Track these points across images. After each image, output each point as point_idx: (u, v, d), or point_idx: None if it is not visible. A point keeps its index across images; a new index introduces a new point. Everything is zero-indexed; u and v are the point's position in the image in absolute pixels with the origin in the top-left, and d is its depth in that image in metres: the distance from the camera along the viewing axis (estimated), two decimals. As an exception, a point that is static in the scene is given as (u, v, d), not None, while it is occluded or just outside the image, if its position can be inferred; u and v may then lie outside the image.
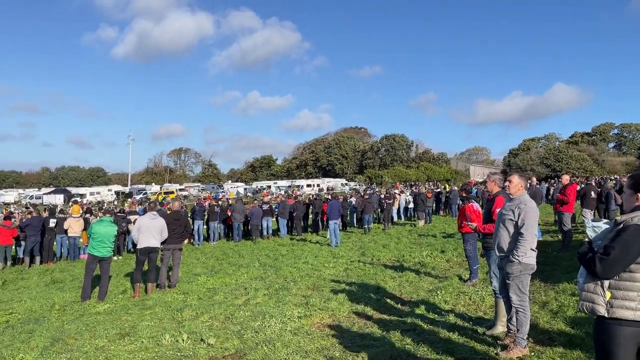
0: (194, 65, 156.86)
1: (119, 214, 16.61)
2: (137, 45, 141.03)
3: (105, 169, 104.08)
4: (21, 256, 15.40)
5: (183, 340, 6.11)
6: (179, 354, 5.71)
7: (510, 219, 4.86)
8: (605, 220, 3.20)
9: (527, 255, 4.74)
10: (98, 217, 13.24)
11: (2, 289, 11.55)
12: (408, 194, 25.98)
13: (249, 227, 19.41)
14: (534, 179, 18.49)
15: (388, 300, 7.65)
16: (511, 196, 5.03)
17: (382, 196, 22.24)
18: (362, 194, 23.58)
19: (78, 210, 16.10)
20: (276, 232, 19.89)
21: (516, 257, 4.75)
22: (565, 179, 11.65)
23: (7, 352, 6.20)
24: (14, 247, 15.76)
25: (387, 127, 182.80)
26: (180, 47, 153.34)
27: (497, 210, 5.44)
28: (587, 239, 3.12)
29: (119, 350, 6.00)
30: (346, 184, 69.96)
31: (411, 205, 23.39)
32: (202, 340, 6.12)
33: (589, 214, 12.65)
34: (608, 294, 2.87)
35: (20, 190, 74.89)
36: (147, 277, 9.77)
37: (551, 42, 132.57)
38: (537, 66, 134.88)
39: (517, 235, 4.80)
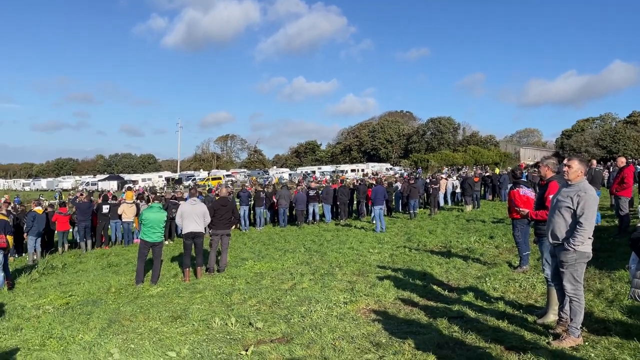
0: (240, 52, 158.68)
1: (171, 200, 17.09)
2: (186, 34, 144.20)
3: (156, 155, 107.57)
4: (78, 240, 16.16)
5: (232, 324, 6.27)
6: (228, 337, 5.87)
7: (568, 207, 4.66)
8: None
9: (584, 244, 4.56)
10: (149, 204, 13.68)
11: (63, 272, 12.17)
12: (455, 178, 25.48)
13: (294, 213, 19.59)
14: (594, 162, 17.66)
15: (435, 287, 7.57)
16: (570, 182, 4.81)
17: (428, 181, 21.91)
18: (408, 178, 23.30)
19: (131, 197, 16.75)
20: (322, 217, 19.99)
21: (572, 245, 4.57)
22: (621, 161, 11.12)
23: (67, 333, 6.54)
24: (71, 231, 16.58)
25: (434, 110, 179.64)
26: (228, 35, 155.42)
27: (551, 196, 5.24)
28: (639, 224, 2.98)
29: (172, 332, 6.23)
30: (391, 168, 69.32)
31: (458, 190, 22.95)
32: (250, 323, 6.26)
33: None
34: None
35: (77, 177, 78.51)
36: (196, 261, 10.04)
37: (606, 19, 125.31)
38: (592, 44, 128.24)
39: (574, 224, 4.61)
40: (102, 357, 5.46)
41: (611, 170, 23.32)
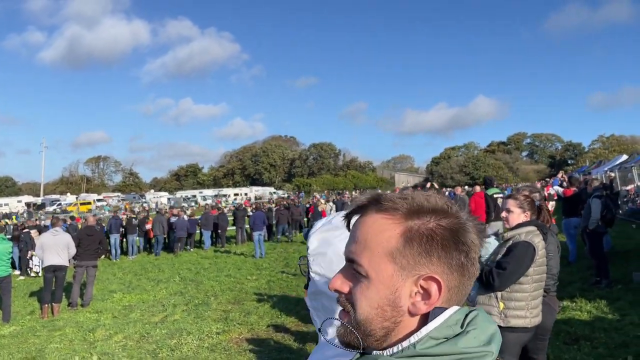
0: (125, 73, 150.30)
1: (23, 230, 15.56)
2: (66, 50, 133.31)
3: (15, 178, 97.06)
4: None
5: (94, 363, 5.89)
6: (88, 377, 5.51)
7: None
8: (493, 237, 3.50)
9: None
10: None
11: None
12: (331, 202, 26.40)
13: (171, 240, 18.90)
14: (459, 188, 19.24)
15: (307, 312, 7.77)
16: None
17: (308, 205, 22.51)
18: (276, 204, 23.83)
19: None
20: (201, 243, 19.51)
21: None
22: (477, 188, 12.32)
23: None
24: None
25: (317, 136, 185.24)
26: (113, 55, 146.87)
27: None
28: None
29: (23, 377, 5.69)
30: (274, 192, 69.86)
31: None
32: (114, 361, 5.93)
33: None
34: (501, 305, 3.15)
35: None
36: (55, 296, 9.24)
37: (475, 56, 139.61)
38: (461, 79, 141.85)
39: None
40: None
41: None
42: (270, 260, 14.30)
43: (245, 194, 66.03)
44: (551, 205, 12.00)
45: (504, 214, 3.39)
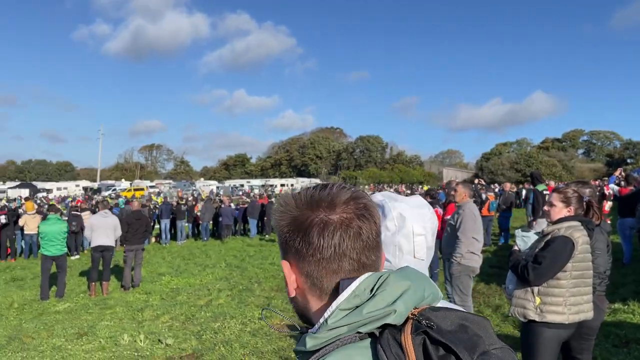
0: (183, 64, 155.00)
1: (72, 212, 16.25)
2: (130, 42, 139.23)
3: (75, 163, 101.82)
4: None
5: (141, 341, 6.12)
6: (136, 354, 5.73)
7: (451, 224, 5.15)
8: (534, 231, 3.39)
9: (467, 258, 4.96)
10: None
11: (-40, 286, 11.29)
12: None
13: (218, 226, 19.33)
14: (508, 185, 18.71)
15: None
16: (457, 203, 5.29)
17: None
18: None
19: (32, 207, 15.71)
20: (246, 232, 19.86)
21: (454, 258, 5.03)
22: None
23: (-40, 352, 6.11)
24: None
25: (364, 128, 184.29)
26: (173, 47, 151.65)
27: (447, 217, 5.68)
28: (516, 247, 3.32)
29: (76, 350, 5.99)
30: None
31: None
32: (160, 340, 6.14)
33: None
34: (538, 300, 3.05)
35: (-16, 184, 72.72)
36: (103, 275, 9.64)
37: (535, 50, 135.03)
38: (519, 73, 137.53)
39: (455, 239, 5.06)
40: (-4, 377, 5.16)
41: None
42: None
43: (292, 185, 66.59)
44: (608, 205, 11.46)
45: (546, 208, 3.27)
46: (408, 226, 1.27)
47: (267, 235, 18.64)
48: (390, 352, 0.75)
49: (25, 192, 50.13)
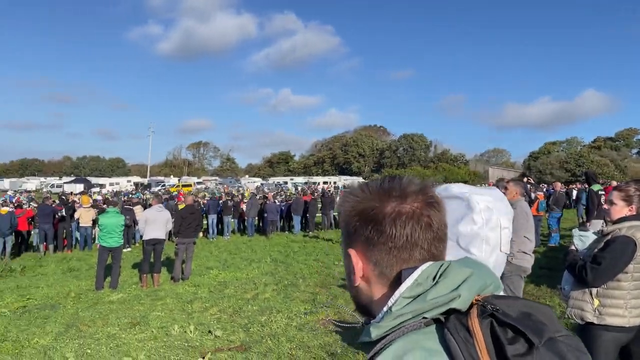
0: (230, 63, 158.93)
1: (124, 206, 16.85)
2: (180, 42, 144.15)
3: (126, 160, 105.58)
4: (36, 243, 15.83)
5: (191, 331, 6.29)
6: (186, 344, 5.89)
7: None
8: (592, 230, 3.26)
9: (519, 258, 4.82)
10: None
11: (22, 275, 11.91)
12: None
13: (263, 223, 19.60)
14: (558, 184, 18.07)
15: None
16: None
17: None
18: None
19: (87, 201, 16.46)
20: (290, 228, 20.05)
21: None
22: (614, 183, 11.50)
23: (22, 336, 6.46)
24: (32, 233, 16.21)
25: (409, 126, 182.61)
26: (220, 46, 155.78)
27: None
28: (573, 247, 3.21)
29: (129, 339, 6.21)
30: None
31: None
32: (209, 331, 6.30)
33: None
34: (596, 302, 2.94)
35: (42, 179, 76.38)
36: (154, 268, 9.95)
37: (586, 47, 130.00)
38: (570, 72, 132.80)
39: None
40: (57, 361, 5.42)
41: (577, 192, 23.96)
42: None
43: (334, 183, 66.64)
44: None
45: (606, 206, 3.13)
46: (495, 219, 1.23)
47: (310, 232, 18.76)
48: (457, 335, 0.75)
49: (80, 187, 52.36)
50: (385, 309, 0.83)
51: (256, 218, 19.75)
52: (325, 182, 67.61)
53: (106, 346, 5.90)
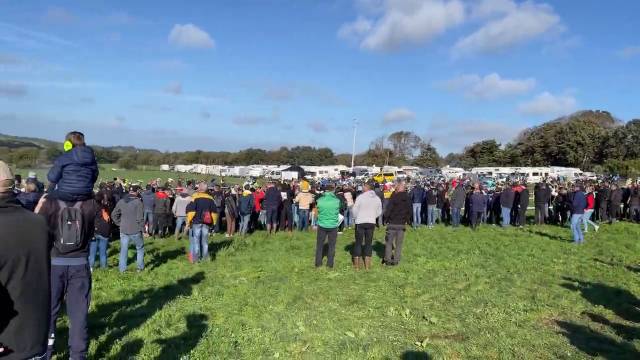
0: (435, 52, 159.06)
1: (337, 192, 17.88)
2: (387, 36, 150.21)
3: (333, 150, 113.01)
4: (264, 222, 17.91)
5: (406, 315, 6.45)
6: (402, 326, 6.06)
7: None
8: None
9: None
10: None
11: (253, 249, 13.62)
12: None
13: (468, 213, 19.01)
14: None
15: (631, 306, 6.80)
16: None
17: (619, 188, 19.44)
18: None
19: (306, 186, 18.04)
20: (498, 220, 19.06)
21: None
22: None
23: (259, 302, 7.38)
24: (259, 213, 18.42)
25: (638, 110, 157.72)
26: (426, 36, 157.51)
27: None
28: None
29: (349, 315, 6.64)
30: (581, 173, 62.61)
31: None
32: (424, 317, 6.37)
33: None
34: None
35: (264, 167, 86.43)
36: (365, 250, 10.39)
37: None
38: None
39: None
40: (290, 327, 6.07)
41: None
42: (578, 246, 12.97)
43: (546, 174, 61.11)
44: None
45: None
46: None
47: (521, 227, 17.53)
48: None
49: (294, 174, 57.74)
50: None
51: (462, 209, 19.26)
52: (535, 174, 62.50)
53: (329, 319, 6.40)
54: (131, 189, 12.11)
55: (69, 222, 4.41)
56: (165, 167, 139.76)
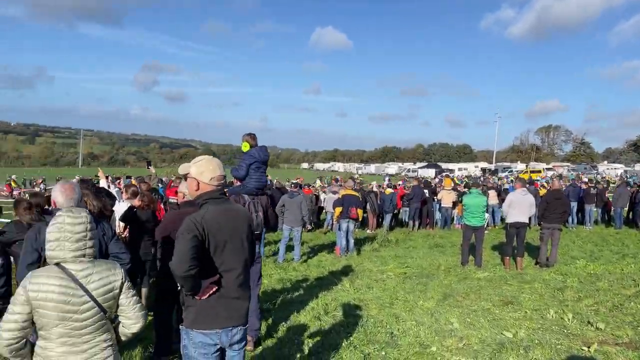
0: (590, 38, 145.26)
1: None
2: (534, 23, 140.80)
3: (472, 146, 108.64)
4: (406, 220, 17.96)
5: (568, 319, 6.14)
6: (564, 330, 5.80)
7: None
8: None
9: None
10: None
11: (396, 246, 13.78)
12: None
13: (633, 214, 17.10)
14: None
15: None
16: None
17: None
18: None
19: (449, 184, 17.73)
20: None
21: None
22: None
23: (410, 297, 7.53)
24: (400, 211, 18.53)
25: None
26: (580, 21, 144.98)
27: None
28: None
29: (504, 315, 6.50)
30: None
31: None
32: (589, 322, 6.02)
33: None
34: None
35: (400, 164, 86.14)
36: (517, 251, 9.94)
37: None
38: None
39: None
40: (443, 323, 6.14)
41: None
42: None
43: None
44: None
45: None
46: None
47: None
48: None
49: (431, 172, 56.76)
50: None
51: (625, 209, 17.41)
52: None
53: (484, 318, 6.33)
54: (292, 185, 12.98)
55: (254, 214, 4.98)
56: (305, 165, 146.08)
